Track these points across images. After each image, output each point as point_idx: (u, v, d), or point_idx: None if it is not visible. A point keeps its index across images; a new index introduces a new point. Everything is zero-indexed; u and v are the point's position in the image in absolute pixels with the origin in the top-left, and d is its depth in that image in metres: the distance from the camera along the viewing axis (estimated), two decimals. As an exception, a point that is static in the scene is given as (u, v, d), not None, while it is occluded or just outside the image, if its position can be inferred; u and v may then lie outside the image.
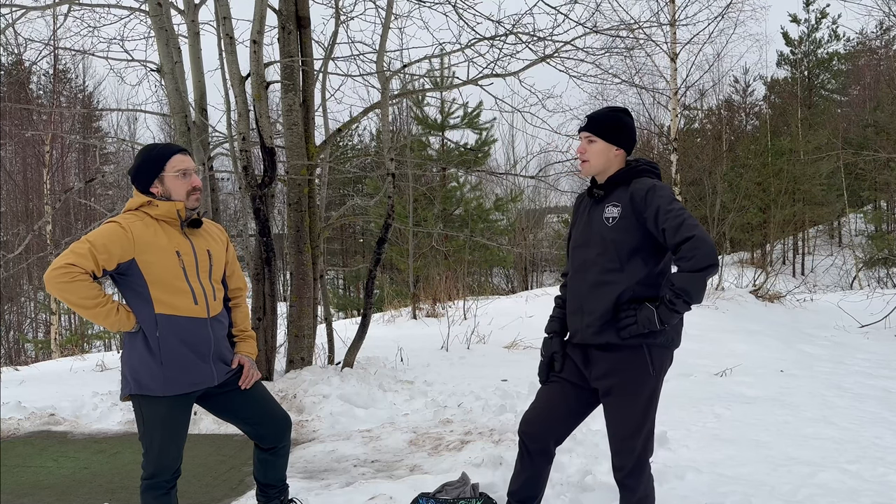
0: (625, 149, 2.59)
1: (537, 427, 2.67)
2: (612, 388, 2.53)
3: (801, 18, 31.22)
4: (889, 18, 16.70)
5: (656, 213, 2.40)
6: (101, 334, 19.15)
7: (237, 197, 7.72)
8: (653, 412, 2.56)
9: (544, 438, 2.67)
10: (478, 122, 18.09)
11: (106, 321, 2.51)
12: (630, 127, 2.62)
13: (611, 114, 2.63)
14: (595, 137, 2.58)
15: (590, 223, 2.58)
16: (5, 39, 12.42)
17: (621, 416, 2.54)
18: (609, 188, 2.57)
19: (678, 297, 2.35)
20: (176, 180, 2.62)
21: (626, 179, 2.54)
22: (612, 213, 2.51)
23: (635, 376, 2.49)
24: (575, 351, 2.65)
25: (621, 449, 2.54)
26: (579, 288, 2.58)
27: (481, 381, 6.07)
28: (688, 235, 2.32)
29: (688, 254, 2.32)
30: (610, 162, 2.58)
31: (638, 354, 2.48)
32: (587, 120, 2.62)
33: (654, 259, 2.48)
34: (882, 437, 4.62)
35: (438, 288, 10.95)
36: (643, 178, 2.52)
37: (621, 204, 2.49)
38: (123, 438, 4.86)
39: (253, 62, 5.69)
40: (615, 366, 2.51)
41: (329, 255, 27.12)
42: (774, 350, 7.91)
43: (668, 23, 12.70)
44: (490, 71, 6.81)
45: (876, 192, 26.90)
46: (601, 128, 2.58)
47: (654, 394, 2.54)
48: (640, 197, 2.44)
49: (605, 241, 2.51)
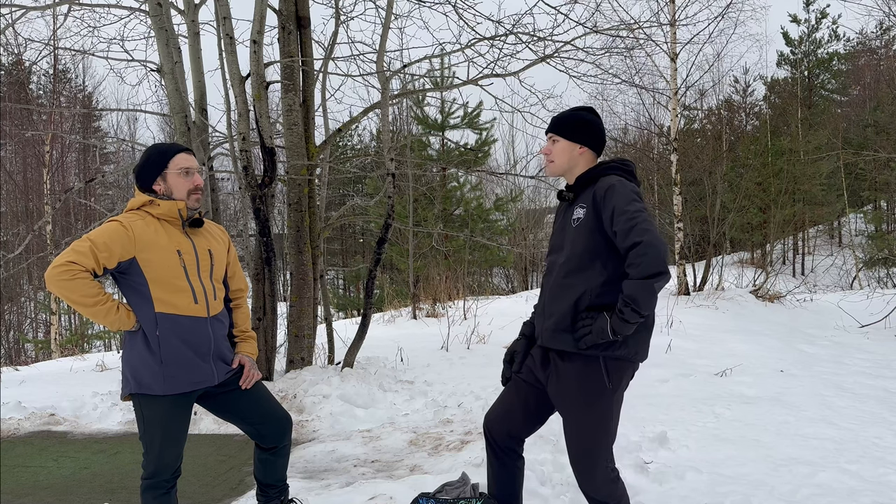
0: (590, 147, 2.55)
1: (497, 425, 2.68)
2: (565, 399, 2.46)
3: (801, 18, 31.28)
4: (889, 18, 16.71)
5: (612, 214, 2.32)
6: (101, 334, 19.15)
7: (237, 197, 7.73)
8: (611, 428, 2.44)
9: (505, 436, 2.67)
10: (478, 122, 18.10)
11: (106, 320, 2.51)
12: (594, 124, 2.57)
13: (572, 113, 2.60)
14: (557, 137, 2.56)
15: (563, 226, 2.55)
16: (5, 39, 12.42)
17: (574, 429, 2.45)
18: (578, 189, 2.53)
19: (626, 305, 2.24)
20: (178, 178, 2.63)
21: (594, 179, 2.49)
22: (578, 215, 2.46)
23: (589, 388, 2.40)
24: (537, 352, 2.60)
25: (578, 465, 2.47)
26: (545, 290, 2.56)
27: (481, 381, 6.06)
28: (636, 241, 2.22)
29: (635, 260, 2.22)
30: (574, 161, 2.55)
31: (593, 366, 2.39)
32: (550, 121, 2.62)
33: (614, 262, 2.37)
34: (882, 437, 4.62)
35: (438, 288, 10.96)
36: (608, 177, 2.43)
37: (587, 205, 2.44)
38: (123, 438, 4.86)
39: (253, 62, 5.69)
40: (569, 376, 2.43)
41: (329, 255, 27.13)
42: (774, 350, 7.90)
43: (668, 23, 12.68)
44: (490, 71, 6.81)
45: (876, 192, 26.92)
46: (562, 127, 2.56)
47: (610, 407, 2.42)
48: (600, 196, 2.37)
49: (570, 244, 2.46)
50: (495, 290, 20.22)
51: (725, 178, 16.01)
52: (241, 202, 6.22)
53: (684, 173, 13.68)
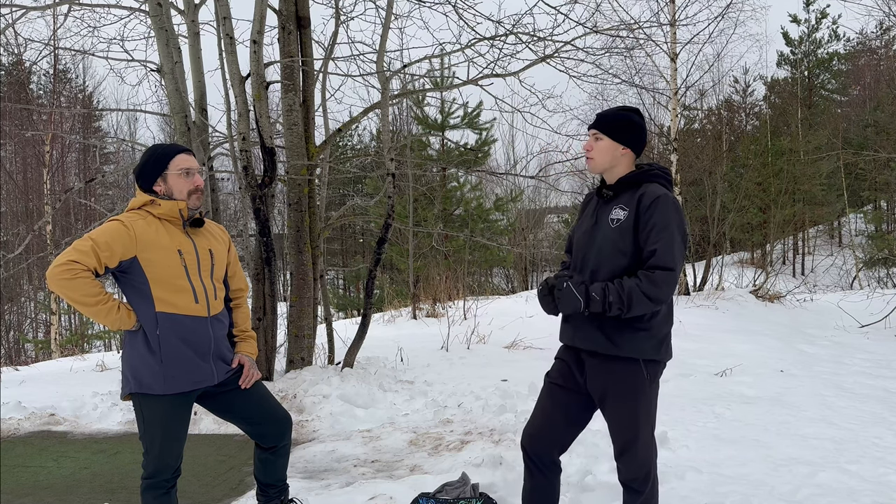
0: (632, 149, 2.55)
1: (538, 441, 2.63)
2: (605, 396, 2.51)
3: (801, 18, 31.29)
4: (889, 18, 16.70)
5: (652, 227, 2.37)
6: (100, 334, 19.16)
7: (237, 197, 7.73)
8: (652, 418, 2.53)
9: (548, 451, 2.63)
10: (478, 122, 18.10)
11: (106, 319, 2.52)
12: (639, 126, 2.58)
13: (620, 112, 2.60)
14: (602, 135, 2.55)
15: (596, 223, 2.55)
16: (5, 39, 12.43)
17: (618, 422, 2.52)
18: (619, 190, 2.54)
19: (620, 300, 2.33)
20: (179, 179, 2.63)
21: (637, 183, 2.50)
22: (618, 216, 2.47)
23: (629, 384, 2.46)
24: (569, 354, 2.61)
25: (624, 456, 2.53)
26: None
27: (481, 381, 6.06)
28: (670, 265, 2.33)
29: (656, 279, 2.32)
30: (616, 160, 2.54)
31: (631, 363, 2.45)
32: (596, 117, 2.60)
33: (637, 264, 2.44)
34: (882, 437, 4.62)
35: (438, 288, 10.95)
36: (654, 185, 2.47)
37: (629, 208, 2.45)
38: (123, 438, 4.86)
39: (253, 62, 5.69)
40: (608, 374, 2.48)
41: (329, 255, 27.12)
42: (774, 350, 7.90)
43: (668, 23, 12.68)
44: (490, 71, 6.81)
45: (876, 192, 26.92)
46: (608, 125, 2.55)
47: (650, 400, 2.51)
48: (647, 204, 2.40)
49: (606, 243, 2.47)
50: (495, 291, 20.21)
51: (725, 178, 16.02)
52: (241, 202, 6.22)
53: (684, 173, 13.68)
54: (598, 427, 3.64)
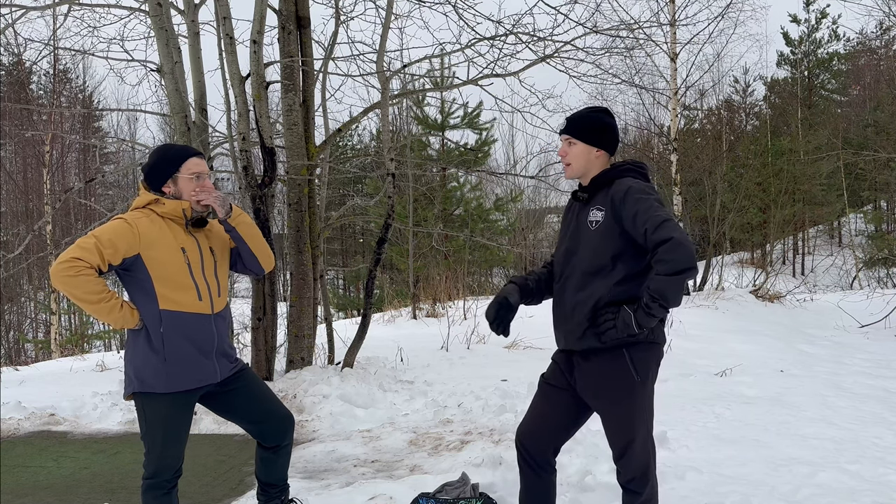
0: (606, 150, 2.54)
1: (533, 439, 2.62)
2: (597, 397, 2.50)
3: (801, 18, 31.27)
4: (889, 18, 16.70)
5: (635, 215, 2.34)
6: (101, 334, 19.15)
7: (237, 197, 7.71)
8: (647, 417, 2.51)
9: (541, 450, 2.62)
10: (478, 122, 18.07)
11: (109, 317, 2.52)
12: (611, 126, 2.57)
13: (590, 115, 2.58)
14: (574, 140, 2.53)
15: (577, 227, 2.54)
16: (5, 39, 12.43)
17: (613, 425, 2.50)
18: (593, 191, 2.53)
19: (654, 300, 2.28)
20: (189, 182, 2.65)
21: (609, 181, 2.49)
22: (596, 217, 2.46)
23: (619, 384, 2.44)
24: (561, 357, 2.62)
25: (622, 457, 2.51)
26: (563, 293, 2.54)
27: (481, 381, 6.06)
28: (667, 237, 2.26)
29: (666, 256, 2.25)
30: (591, 164, 2.54)
31: (619, 362, 2.42)
32: (566, 122, 2.58)
33: (635, 261, 2.42)
34: (882, 437, 4.62)
35: (438, 288, 10.94)
36: (624, 179, 2.45)
37: (605, 206, 2.44)
38: (123, 438, 4.86)
39: (253, 62, 5.69)
40: (598, 375, 2.47)
41: (329, 255, 27.12)
42: (774, 350, 7.91)
43: (668, 23, 12.70)
44: (490, 71, 6.80)
45: (876, 192, 26.92)
46: (580, 130, 2.53)
47: (643, 399, 2.48)
48: (619, 199, 2.39)
49: (589, 246, 2.46)
50: (495, 291, 20.18)
51: (725, 178, 16.01)
52: (241, 202, 6.22)
53: (684, 173, 13.70)
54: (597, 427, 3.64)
